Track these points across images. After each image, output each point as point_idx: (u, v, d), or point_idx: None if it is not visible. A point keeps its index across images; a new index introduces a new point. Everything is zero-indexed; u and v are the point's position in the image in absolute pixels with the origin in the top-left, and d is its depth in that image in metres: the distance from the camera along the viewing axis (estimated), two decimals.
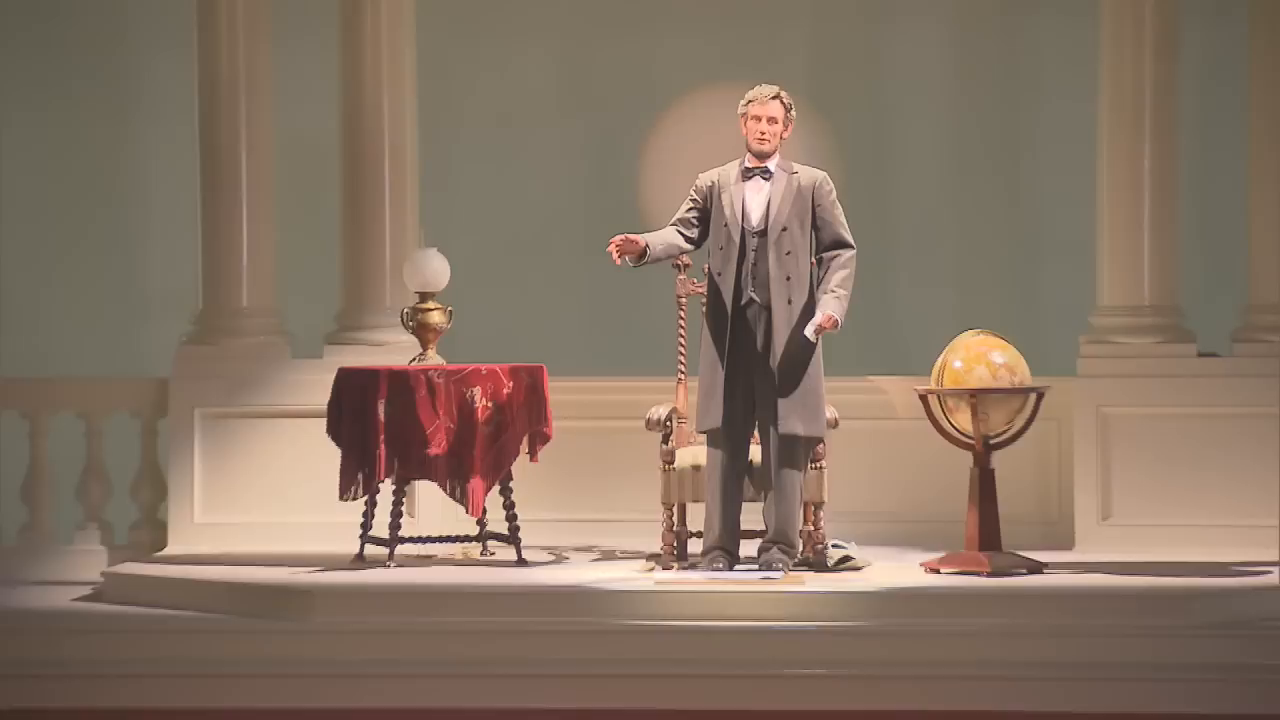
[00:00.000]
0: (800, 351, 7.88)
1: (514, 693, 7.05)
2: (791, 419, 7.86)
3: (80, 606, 8.46)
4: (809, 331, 7.83)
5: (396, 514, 8.33)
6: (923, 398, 8.27)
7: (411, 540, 8.43)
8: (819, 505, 8.17)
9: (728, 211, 7.95)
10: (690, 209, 8.06)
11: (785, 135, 8.01)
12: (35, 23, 11.62)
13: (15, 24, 11.61)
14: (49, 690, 7.27)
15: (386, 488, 8.33)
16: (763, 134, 7.95)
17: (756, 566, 7.96)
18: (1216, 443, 8.87)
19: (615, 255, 7.94)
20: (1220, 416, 8.90)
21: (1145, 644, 7.44)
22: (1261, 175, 9.14)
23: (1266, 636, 7.57)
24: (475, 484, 8.22)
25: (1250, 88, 9.19)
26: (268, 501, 9.09)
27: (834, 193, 8.04)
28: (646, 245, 7.95)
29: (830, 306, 7.83)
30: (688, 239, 8.07)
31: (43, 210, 11.60)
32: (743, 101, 8.02)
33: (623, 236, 7.94)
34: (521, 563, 8.36)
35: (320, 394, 8.50)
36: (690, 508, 8.26)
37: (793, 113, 8.03)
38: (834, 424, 8.13)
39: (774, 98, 7.98)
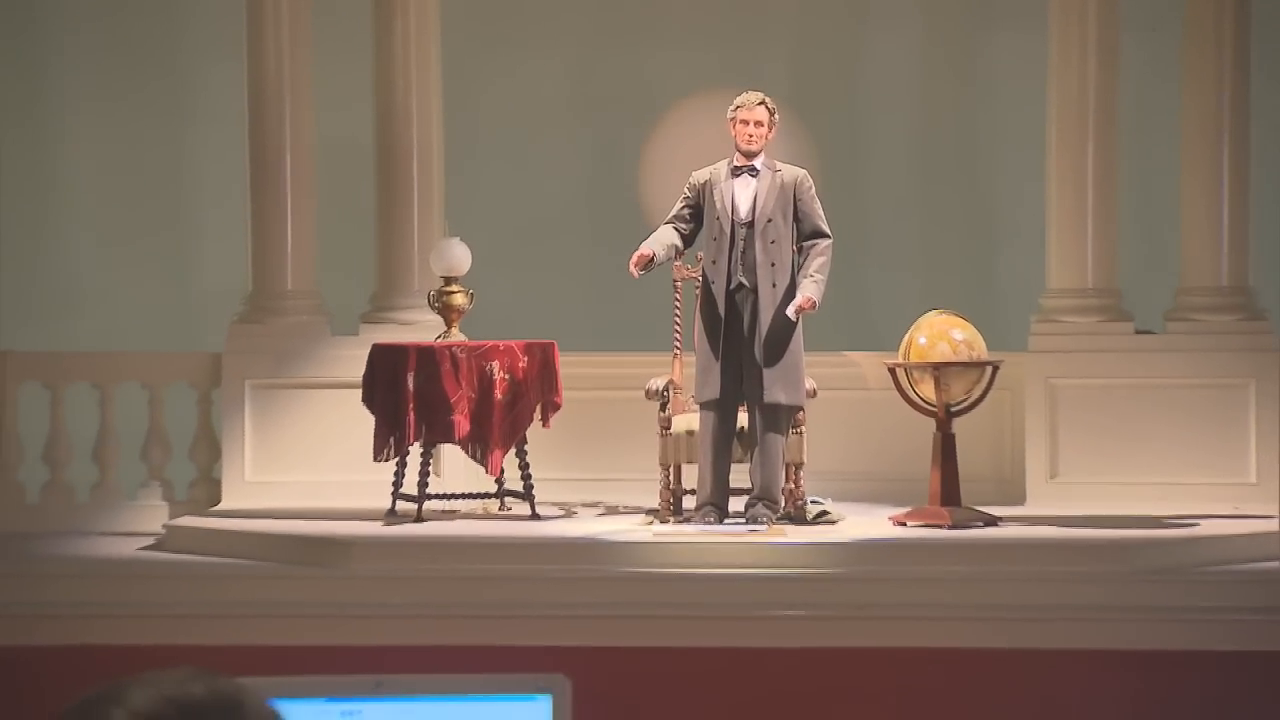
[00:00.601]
0: (783, 329, 7.92)
1: (528, 632, 7.11)
2: (775, 389, 7.91)
3: (144, 555, 8.53)
4: (790, 312, 7.88)
5: (424, 474, 8.36)
6: (891, 370, 8.32)
7: (437, 497, 8.47)
8: (799, 466, 8.21)
9: (719, 205, 8.00)
10: (684, 206, 8.11)
11: (770, 136, 8.06)
12: (104, 35, 11.67)
13: (87, 35, 11.66)
14: (117, 628, 7.33)
15: (415, 450, 8.37)
16: (750, 136, 7.99)
17: (744, 520, 7.99)
18: (1152, 410, 8.92)
19: (635, 273, 8.01)
20: (1155, 387, 8.94)
21: (1088, 588, 7.54)
22: (1192, 172, 9.17)
23: (1196, 581, 7.69)
24: (494, 447, 8.27)
25: (1181, 93, 9.22)
26: (310, 462, 9.13)
27: (813, 188, 8.09)
28: (654, 254, 8.00)
29: (809, 290, 7.88)
30: (683, 235, 8.12)
31: (111, 203, 11.65)
32: (731, 107, 8.06)
33: (637, 255, 8.00)
34: (535, 517, 8.39)
35: (356, 367, 8.55)
36: (685, 468, 8.29)
37: (776, 116, 8.07)
38: (813, 394, 8.18)
39: (760, 103, 8.03)
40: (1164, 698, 6.87)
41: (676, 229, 8.12)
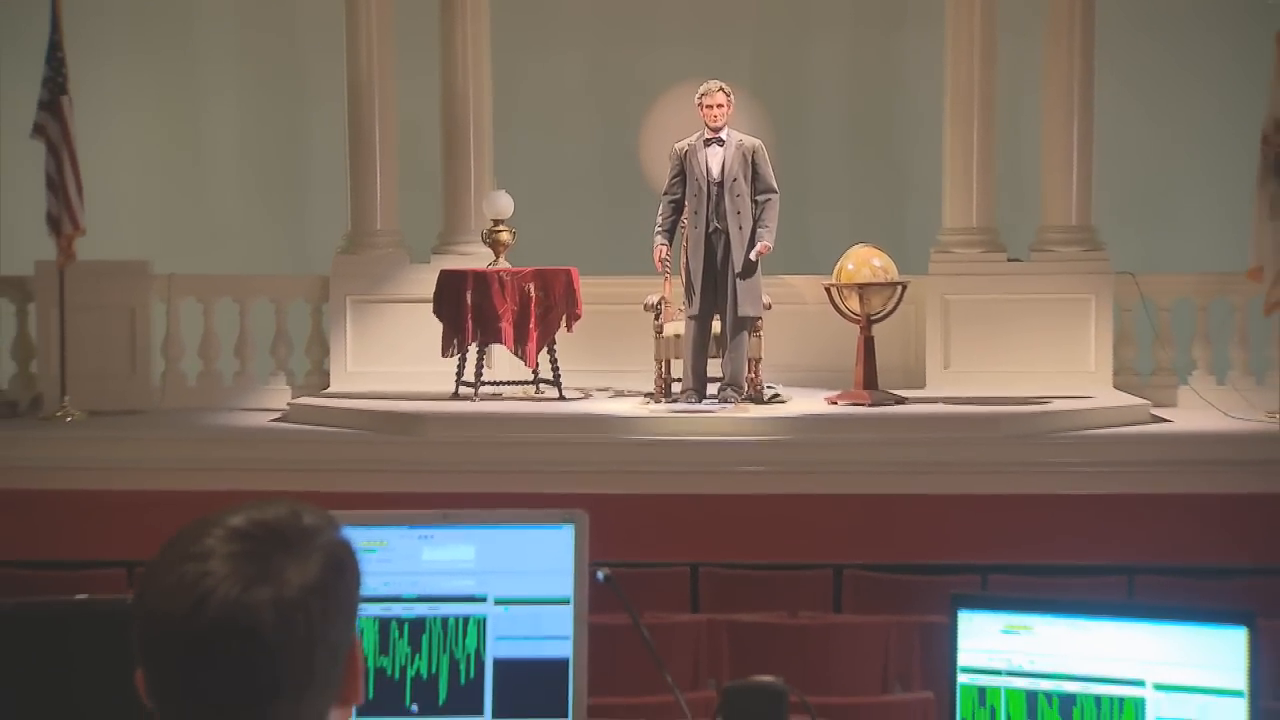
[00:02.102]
0: (748, 262, 7.91)
1: (556, 482, 7.13)
2: (744, 304, 7.92)
3: (273, 425, 8.59)
4: (751, 256, 7.88)
5: (479, 366, 8.39)
6: (827, 289, 8.34)
7: (489, 383, 8.49)
8: (758, 360, 8.23)
9: (697, 170, 7.96)
10: (674, 176, 8.06)
11: (729, 113, 8.00)
12: (243, 40, 11.65)
13: (231, 41, 11.64)
14: (252, 478, 7.35)
15: (472, 349, 8.38)
16: (714, 116, 7.93)
17: (717, 400, 8.04)
18: (1019, 318, 8.89)
19: (661, 267, 8.15)
20: (1021, 300, 8.91)
21: (970, 448, 7.59)
22: (1050, 140, 9.11)
23: (1046, 444, 7.76)
24: (531, 346, 8.27)
25: (1042, 80, 9.18)
26: (394, 357, 9.13)
27: (766, 154, 8.05)
28: (667, 245, 8.10)
29: (764, 238, 7.89)
30: (677, 201, 8.08)
31: (247, 164, 11.63)
32: (698, 94, 8.01)
33: (657, 259, 8.12)
34: (562, 398, 8.43)
35: (428, 287, 8.54)
36: (673, 362, 8.31)
37: (732, 98, 8.01)
38: (768, 307, 8.19)
39: (719, 90, 7.96)
40: (1021, 528, 6.95)
41: (671, 202, 8.09)
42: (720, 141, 7.98)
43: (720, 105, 7.95)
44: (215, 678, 1.45)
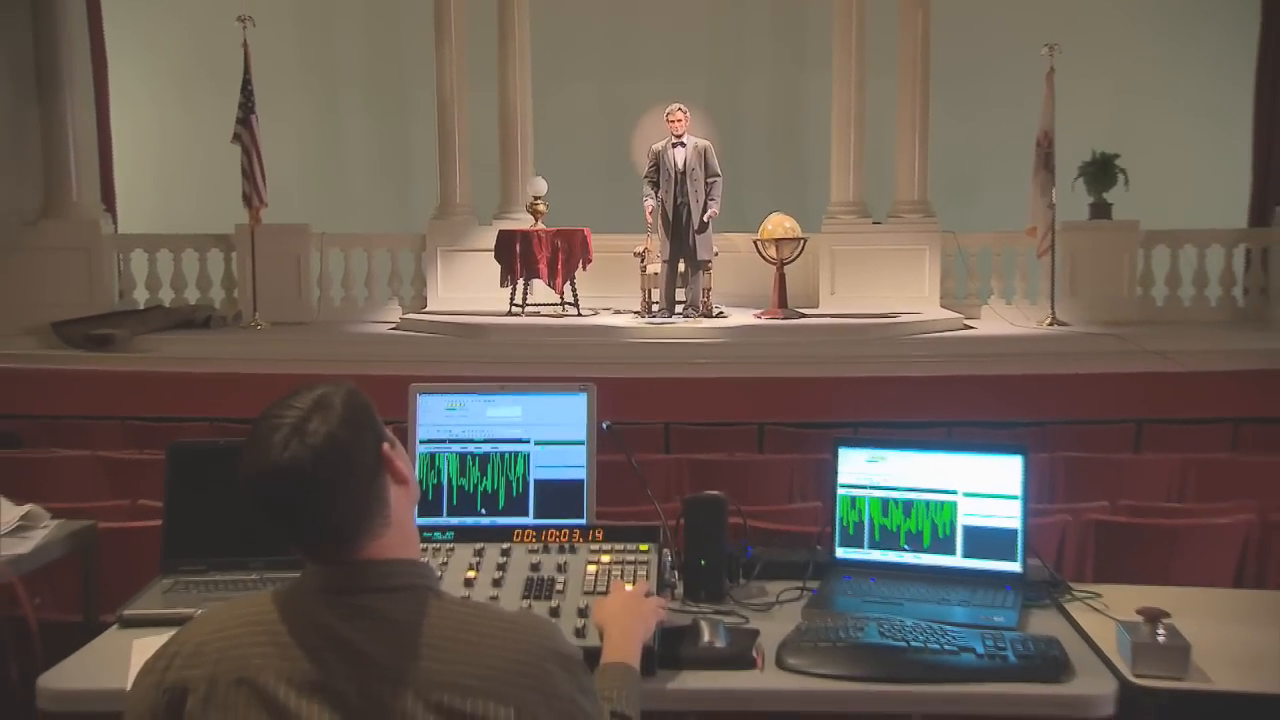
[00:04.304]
0: (702, 224, 7.88)
1: (575, 369, 7.07)
2: (700, 251, 7.91)
3: (391, 332, 8.57)
4: (705, 218, 7.84)
5: (525, 293, 8.39)
6: (754, 242, 8.31)
7: (531, 305, 8.48)
8: (708, 289, 8.20)
9: (667, 163, 7.89)
10: (651, 166, 7.98)
11: (687, 125, 7.91)
12: (370, 74, 11.46)
13: (359, 72, 11.47)
14: (378, 366, 7.25)
15: (520, 283, 8.35)
16: (677, 126, 7.86)
17: (682, 316, 8.03)
18: (880, 262, 8.86)
19: (650, 220, 7.98)
20: (882, 250, 8.87)
21: (847, 346, 7.60)
22: (902, 143, 8.99)
23: (897, 342, 7.75)
24: (559, 280, 8.26)
25: (896, 103, 9.05)
26: (468, 288, 9.13)
27: (714, 151, 7.98)
28: (654, 207, 7.94)
29: (712, 208, 7.86)
30: (655, 183, 7.98)
31: (370, 157, 11.54)
32: (665, 112, 7.95)
33: (648, 215, 7.94)
34: (579, 314, 8.41)
35: (490, 242, 8.51)
36: (653, 291, 8.28)
37: (688, 114, 7.92)
38: (716, 254, 8.16)
39: (679, 109, 7.90)
40: (879, 397, 6.95)
41: (651, 183, 7.99)
42: (682, 144, 7.90)
43: (680, 120, 7.87)
44: (294, 512, 1.43)
